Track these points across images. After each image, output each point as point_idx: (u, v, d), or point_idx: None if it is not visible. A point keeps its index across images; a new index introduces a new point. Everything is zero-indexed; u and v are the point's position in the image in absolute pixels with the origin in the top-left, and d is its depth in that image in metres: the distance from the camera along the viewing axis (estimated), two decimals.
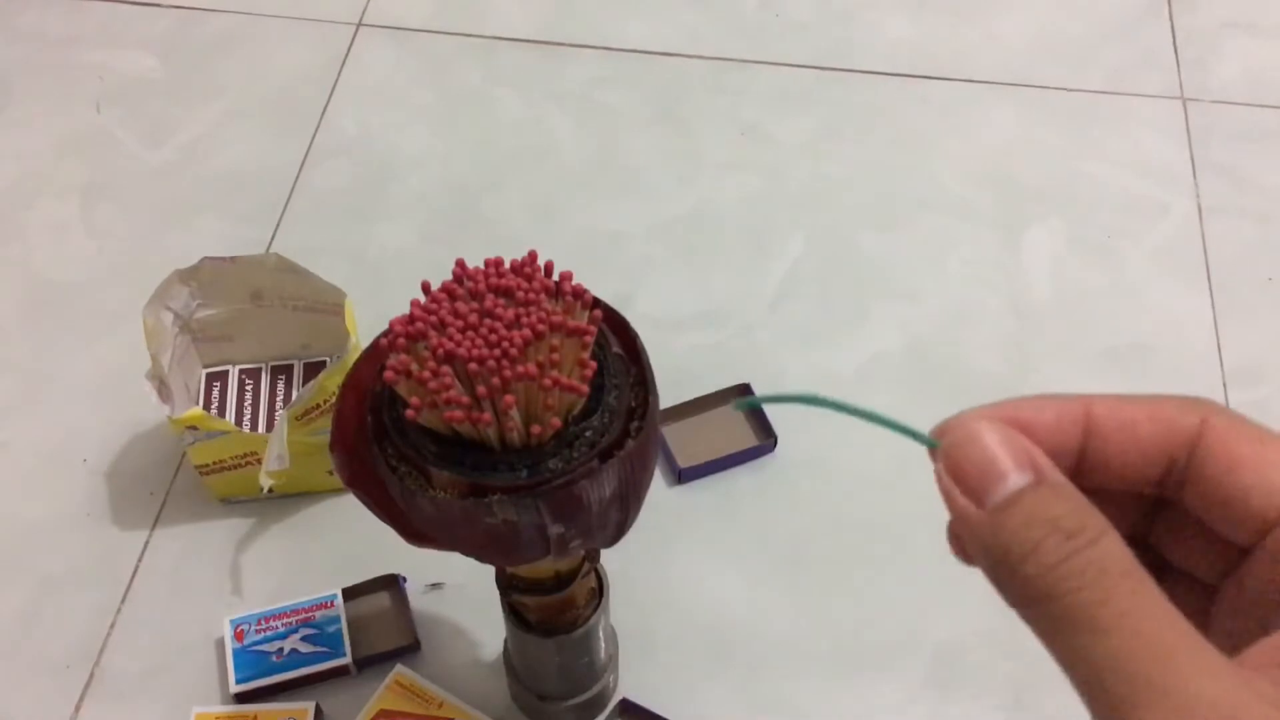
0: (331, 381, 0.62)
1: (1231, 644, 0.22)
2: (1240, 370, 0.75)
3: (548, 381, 0.37)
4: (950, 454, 0.24)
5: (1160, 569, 0.25)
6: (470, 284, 0.39)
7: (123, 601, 0.65)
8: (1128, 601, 0.21)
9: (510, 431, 0.39)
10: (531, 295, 0.39)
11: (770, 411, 0.70)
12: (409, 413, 0.38)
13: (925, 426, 0.26)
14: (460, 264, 0.40)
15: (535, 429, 0.39)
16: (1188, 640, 0.21)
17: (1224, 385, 0.74)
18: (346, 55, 0.91)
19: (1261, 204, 0.83)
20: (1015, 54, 0.92)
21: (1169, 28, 0.94)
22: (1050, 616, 0.22)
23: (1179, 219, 0.83)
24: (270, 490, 0.63)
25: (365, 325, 0.65)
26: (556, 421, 0.39)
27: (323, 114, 0.88)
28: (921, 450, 0.26)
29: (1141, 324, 0.77)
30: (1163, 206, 0.83)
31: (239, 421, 0.70)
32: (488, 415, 0.38)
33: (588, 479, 0.39)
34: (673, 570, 0.66)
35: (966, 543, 0.23)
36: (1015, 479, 0.22)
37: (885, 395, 0.73)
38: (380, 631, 0.63)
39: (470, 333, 0.38)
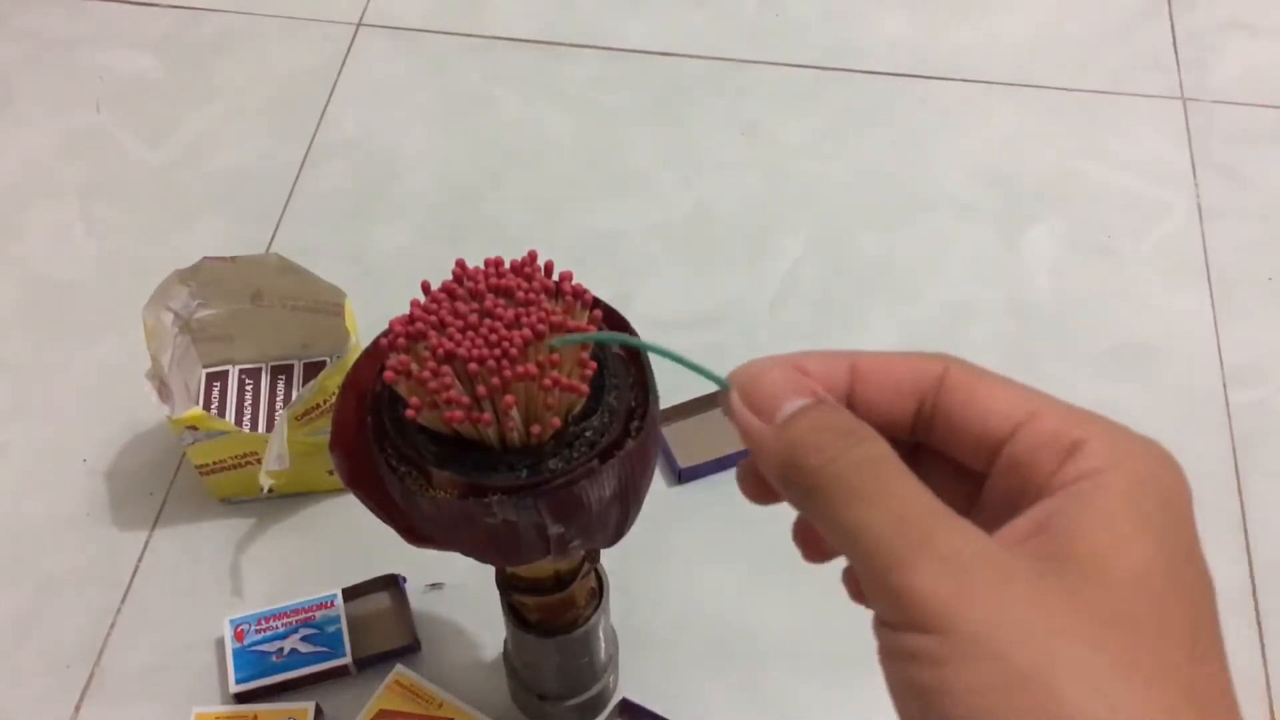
0: (331, 381, 0.62)
1: None
2: (1240, 370, 0.75)
3: (548, 381, 0.37)
4: (744, 388, 0.28)
5: None
6: (470, 284, 0.39)
7: (123, 601, 0.65)
8: (897, 482, 0.25)
9: (510, 431, 0.39)
10: (531, 295, 0.39)
11: None
12: (409, 413, 0.38)
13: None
14: (460, 264, 0.40)
15: (535, 429, 0.39)
16: (949, 514, 0.25)
17: (1224, 385, 0.74)
18: (346, 55, 0.91)
19: (1261, 204, 0.83)
20: (1015, 54, 0.92)
21: (1169, 28, 0.94)
22: (829, 500, 0.26)
23: (1179, 219, 0.83)
24: (270, 490, 0.63)
25: (365, 325, 0.65)
26: (556, 421, 0.39)
27: (323, 114, 0.88)
28: None
29: (1141, 324, 0.77)
30: (1163, 206, 0.83)
31: (239, 421, 0.70)
32: (488, 415, 0.38)
33: (588, 479, 0.39)
34: (673, 570, 0.66)
35: (758, 459, 0.28)
36: (799, 400, 0.27)
37: None
38: (380, 631, 0.63)
39: (470, 333, 0.38)
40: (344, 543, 0.67)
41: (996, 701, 0.22)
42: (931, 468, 0.29)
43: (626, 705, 0.61)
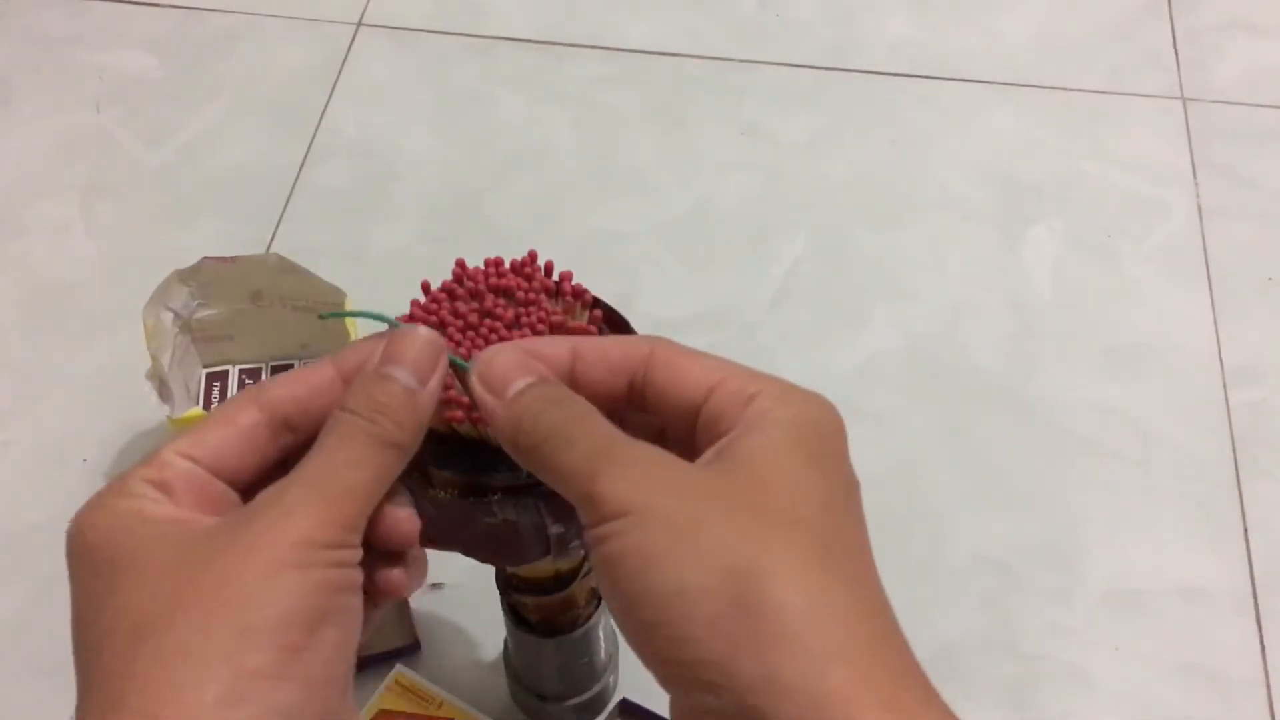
0: None
1: None
2: (1240, 370, 0.75)
3: None
4: (480, 370, 0.33)
5: None
6: (470, 284, 0.39)
7: None
8: (593, 429, 0.31)
9: None
10: (531, 295, 0.39)
11: None
12: None
13: (928, 427, 0.32)
14: (460, 264, 0.40)
15: None
16: (630, 439, 0.31)
17: (1224, 385, 0.75)
18: (346, 55, 0.91)
19: (1261, 204, 0.83)
20: (1015, 54, 0.92)
21: (1169, 28, 0.94)
22: (543, 453, 0.31)
23: (1179, 219, 0.83)
24: None
25: (365, 326, 0.65)
26: None
27: (323, 114, 0.88)
28: (922, 451, 0.37)
29: (1141, 324, 0.77)
30: (1163, 206, 0.83)
31: None
32: None
33: None
34: None
35: (492, 429, 0.33)
36: (526, 379, 0.32)
37: (885, 395, 0.73)
38: (380, 631, 0.63)
39: (470, 332, 0.38)
40: None
41: (661, 546, 0.28)
42: (651, 439, 0.33)
43: (626, 705, 0.61)
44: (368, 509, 0.31)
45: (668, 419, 0.33)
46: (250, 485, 0.33)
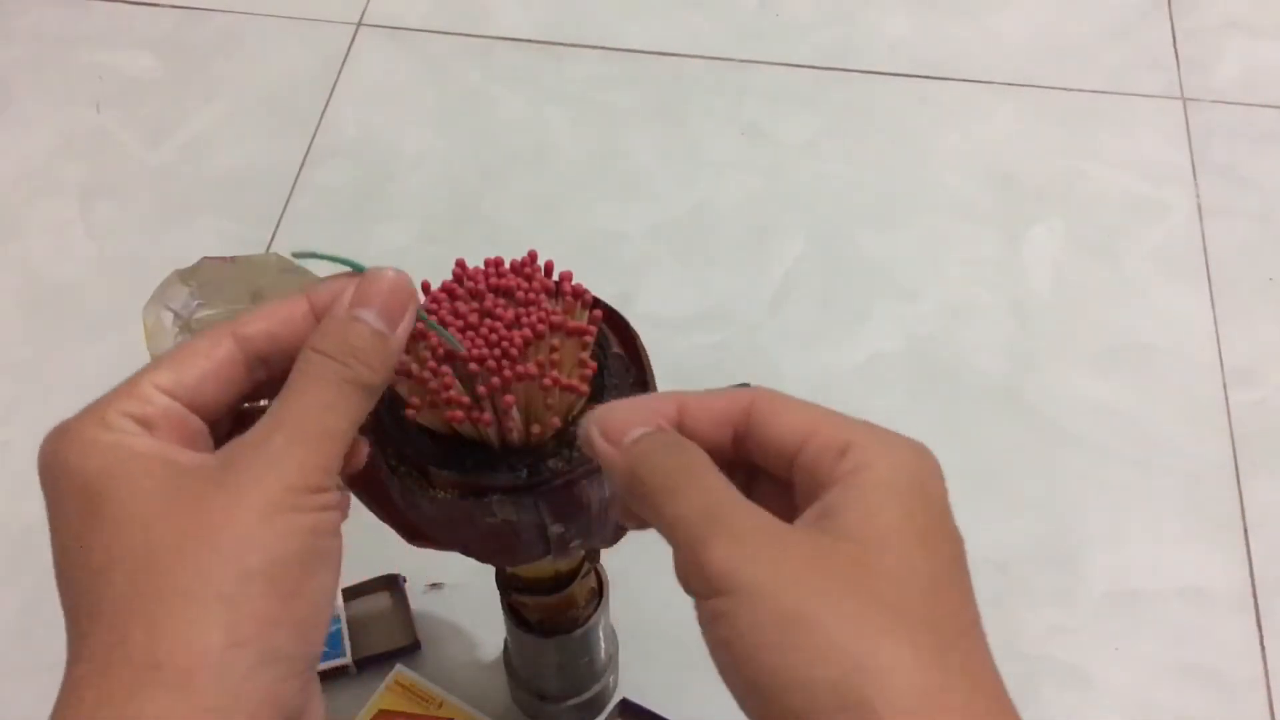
0: None
1: None
2: (1240, 370, 0.75)
3: (548, 381, 0.37)
4: (599, 421, 0.33)
5: None
6: (470, 284, 0.39)
7: None
8: (704, 482, 0.31)
9: (510, 431, 0.39)
10: (531, 295, 0.39)
11: None
12: (409, 412, 0.38)
13: (928, 427, 0.33)
14: (460, 264, 0.40)
15: (535, 429, 0.39)
16: (746, 502, 0.30)
17: (1224, 385, 0.74)
18: (346, 55, 0.91)
19: (1261, 204, 0.83)
20: (1015, 54, 0.92)
21: (1169, 28, 0.94)
22: (656, 502, 0.31)
23: (1179, 219, 0.83)
24: None
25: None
26: (556, 421, 0.39)
27: (323, 114, 0.88)
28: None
29: (1141, 324, 0.77)
30: (1163, 206, 0.83)
31: None
32: (488, 415, 0.38)
33: (588, 479, 0.39)
34: (673, 570, 0.66)
35: (609, 475, 0.33)
36: (642, 428, 0.33)
37: (885, 395, 0.73)
38: (380, 631, 0.63)
39: (470, 332, 0.38)
40: (344, 543, 0.67)
41: (770, 639, 0.28)
42: (765, 487, 0.34)
43: (626, 705, 0.61)
44: (345, 451, 0.32)
45: (769, 468, 0.33)
46: (219, 419, 0.34)
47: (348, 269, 0.35)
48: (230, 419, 0.34)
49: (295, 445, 0.31)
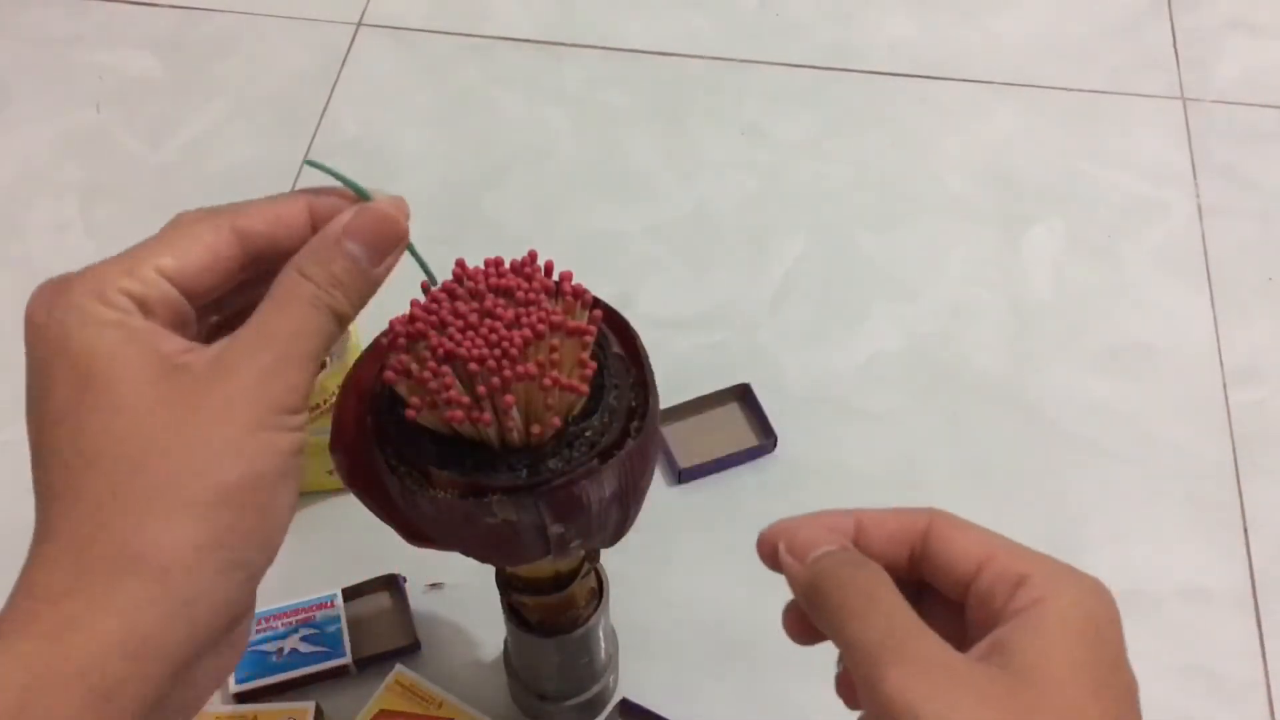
0: (331, 381, 0.62)
1: None
2: (1240, 370, 0.75)
3: (548, 381, 0.38)
4: (786, 539, 0.35)
5: None
6: (470, 284, 0.39)
7: None
8: (885, 604, 0.32)
9: (510, 431, 0.39)
10: (531, 295, 0.39)
11: (770, 411, 0.70)
12: (409, 413, 0.38)
13: (928, 427, 0.33)
14: (460, 264, 0.40)
15: (535, 429, 0.39)
16: (924, 629, 0.32)
17: (1224, 385, 0.75)
18: (346, 55, 0.91)
19: (1261, 204, 0.83)
20: (1015, 54, 0.92)
21: (1169, 28, 0.94)
22: (838, 619, 0.32)
23: (1179, 219, 0.83)
24: None
25: (365, 325, 0.65)
26: (556, 421, 0.39)
27: (323, 114, 0.88)
28: (922, 451, 0.36)
29: (1141, 324, 0.77)
30: (1163, 206, 0.83)
31: None
32: (488, 415, 0.38)
33: (588, 479, 0.39)
34: (673, 570, 0.67)
35: (793, 588, 0.35)
36: (827, 546, 0.34)
37: (885, 395, 0.73)
38: (380, 631, 0.63)
39: (470, 332, 0.38)
40: (344, 543, 0.67)
41: (938, 713, 0.29)
42: (934, 603, 0.35)
43: (626, 705, 0.61)
44: (317, 374, 0.34)
45: (943, 590, 0.35)
46: (206, 307, 0.35)
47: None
48: (212, 308, 0.36)
49: (283, 366, 0.33)
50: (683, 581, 0.66)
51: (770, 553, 0.36)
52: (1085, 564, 0.71)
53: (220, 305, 0.37)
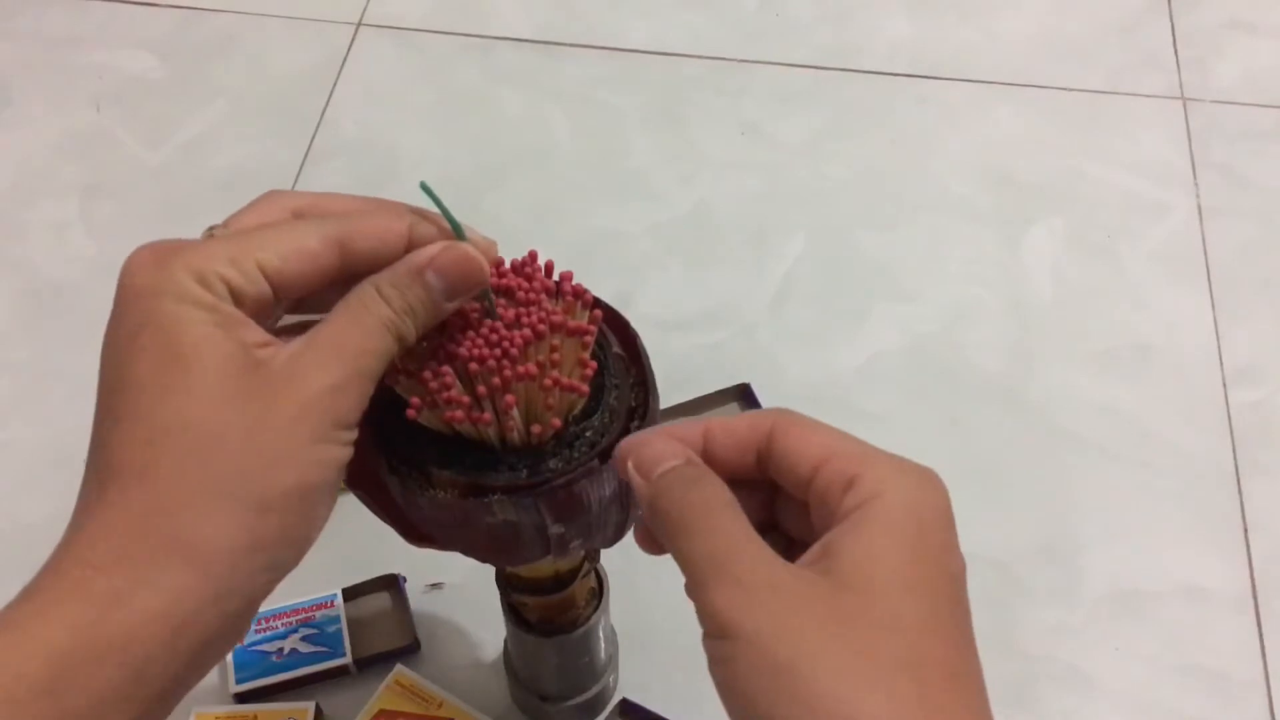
0: None
1: None
2: (1240, 370, 0.75)
3: (548, 381, 0.38)
4: (633, 454, 0.35)
5: (787, 544, 0.36)
6: None
7: None
8: (716, 521, 0.32)
9: (510, 431, 0.39)
10: (532, 295, 0.39)
11: None
12: (409, 412, 0.38)
13: (928, 427, 0.33)
14: None
15: (535, 429, 0.39)
16: (752, 545, 0.32)
17: (1224, 385, 0.74)
18: (346, 55, 0.91)
19: (1261, 204, 0.83)
20: (1015, 54, 0.92)
21: (1169, 28, 0.94)
22: (672, 536, 0.33)
23: (1179, 219, 0.83)
24: None
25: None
26: (557, 421, 0.39)
27: (323, 114, 0.88)
28: (922, 451, 0.34)
29: (1141, 324, 0.77)
30: (1163, 206, 0.83)
31: None
32: (488, 415, 0.38)
33: (588, 479, 0.39)
34: (673, 570, 0.66)
35: (640, 505, 0.35)
36: (671, 461, 0.34)
37: (885, 395, 0.73)
38: (380, 631, 0.63)
39: (470, 332, 0.38)
40: (344, 543, 0.67)
41: (764, 685, 0.30)
42: (790, 503, 0.36)
43: (626, 705, 0.61)
44: (371, 393, 0.35)
45: (791, 491, 0.35)
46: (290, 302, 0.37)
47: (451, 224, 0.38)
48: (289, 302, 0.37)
49: (351, 382, 0.34)
50: (682, 581, 0.66)
51: (623, 468, 0.36)
52: (1085, 564, 0.72)
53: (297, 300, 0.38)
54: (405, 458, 0.40)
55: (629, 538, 0.44)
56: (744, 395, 0.72)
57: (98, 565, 0.32)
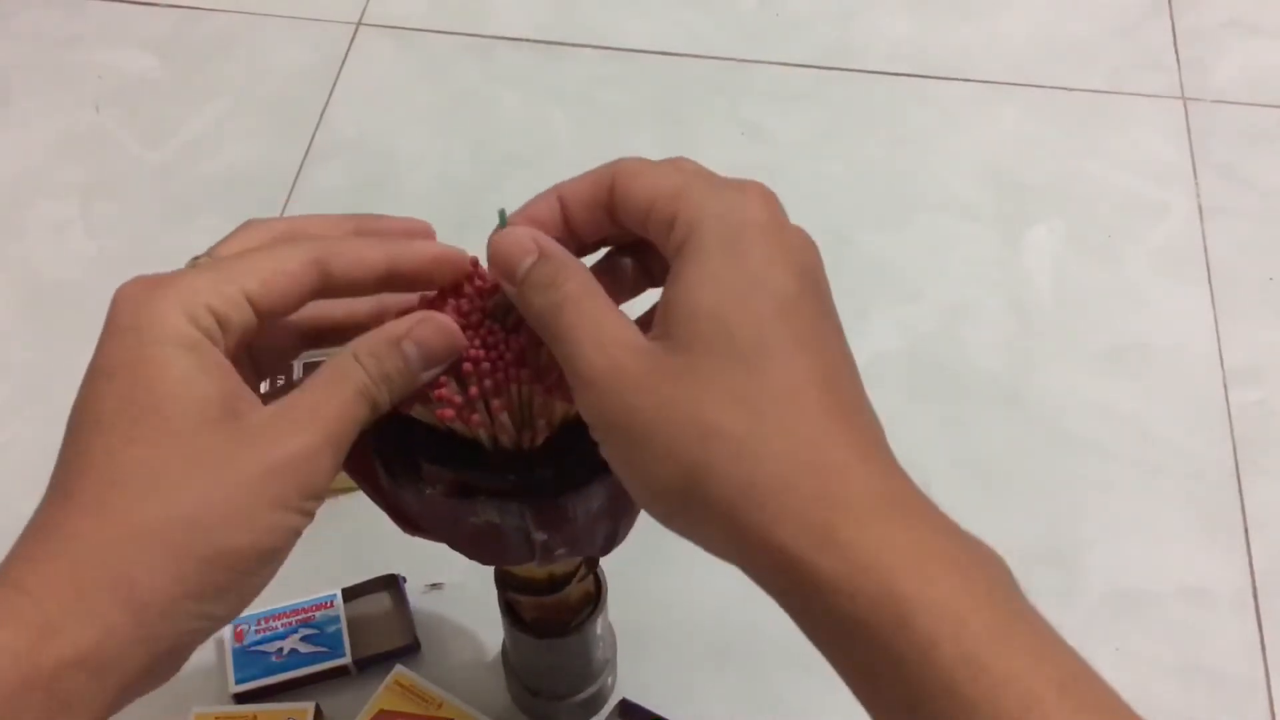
0: None
1: None
2: (1240, 370, 0.75)
3: (541, 389, 0.37)
4: (492, 256, 0.36)
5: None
6: (480, 283, 0.39)
7: None
8: (567, 319, 0.33)
9: (501, 435, 0.38)
10: None
11: None
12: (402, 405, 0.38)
13: (928, 426, 0.31)
14: (474, 263, 0.40)
15: (527, 435, 0.38)
16: (600, 335, 0.33)
17: (1224, 385, 0.74)
18: (346, 55, 0.91)
19: (1261, 204, 0.83)
20: (1016, 53, 0.92)
21: (1169, 28, 0.94)
22: (544, 322, 0.34)
23: (1179, 219, 0.83)
24: None
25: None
26: (548, 429, 0.39)
27: (323, 114, 0.88)
28: (922, 451, 0.36)
29: (1141, 324, 0.77)
30: (1163, 206, 0.83)
31: None
32: (478, 416, 0.37)
33: (574, 492, 0.38)
34: (672, 570, 0.66)
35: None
36: (529, 259, 0.35)
37: (885, 395, 0.73)
38: (380, 631, 0.63)
39: (470, 332, 0.38)
40: (344, 543, 0.67)
41: (625, 458, 0.33)
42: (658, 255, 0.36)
43: (626, 705, 0.61)
44: (341, 461, 0.36)
45: (636, 231, 0.35)
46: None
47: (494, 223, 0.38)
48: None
49: (322, 449, 0.34)
50: (682, 581, 0.66)
51: (496, 276, 0.37)
52: (1085, 564, 0.71)
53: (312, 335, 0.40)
54: (398, 448, 0.40)
55: (630, 539, 0.44)
56: None
57: (30, 591, 0.31)
